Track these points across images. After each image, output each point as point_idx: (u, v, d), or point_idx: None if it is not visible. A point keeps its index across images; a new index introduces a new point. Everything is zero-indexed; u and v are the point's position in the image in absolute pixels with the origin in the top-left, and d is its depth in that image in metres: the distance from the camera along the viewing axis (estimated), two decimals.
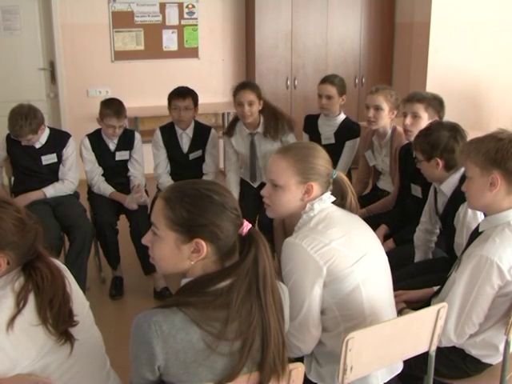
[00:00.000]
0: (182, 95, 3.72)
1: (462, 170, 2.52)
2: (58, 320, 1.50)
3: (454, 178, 2.56)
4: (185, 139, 3.88)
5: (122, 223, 3.74)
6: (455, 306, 1.95)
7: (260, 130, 3.71)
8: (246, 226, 1.45)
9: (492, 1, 5.81)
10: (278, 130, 3.68)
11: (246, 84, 3.72)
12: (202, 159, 3.93)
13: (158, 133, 3.89)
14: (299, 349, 1.84)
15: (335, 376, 1.71)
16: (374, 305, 1.83)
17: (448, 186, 2.58)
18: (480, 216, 2.40)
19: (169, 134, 3.88)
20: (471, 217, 2.41)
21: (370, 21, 6.20)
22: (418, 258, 2.85)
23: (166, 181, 3.82)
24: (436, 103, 3.02)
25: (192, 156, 3.90)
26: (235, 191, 3.77)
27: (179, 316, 1.33)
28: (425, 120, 2.99)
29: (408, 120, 3.02)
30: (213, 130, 3.94)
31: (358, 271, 1.80)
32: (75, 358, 1.55)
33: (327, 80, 3.76)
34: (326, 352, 1.87)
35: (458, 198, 2.50)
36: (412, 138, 3.00)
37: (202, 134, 3.90)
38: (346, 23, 6.13)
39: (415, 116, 3.01)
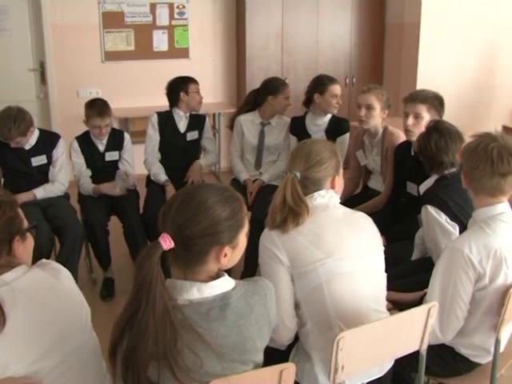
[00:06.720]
0: (194, 79, 3.95)
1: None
2: None
3: (432, 180, 2.62)
4: (183, 121, 3.94)
5: (114, 224, 3.73)
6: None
7: (273, 122, 3.90)
8: None
9: (482, 1, 5.84)
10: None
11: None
12: (198, 143, 4.00)
13: (155, 115, 3.93)
14: (273, 340, 1.74)
15: (304, 374, 1.75)
16: (341, 308, 1.81)
17: (426, 186, 2.63)
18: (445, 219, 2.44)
19: (166, 118, 3.92)
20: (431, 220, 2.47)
21: (361, 21, 6.21)
22: (415, 255, 2.84)
23: (156, 167, 3.87)
24: (437, 103, 3.01)
25: (189, 136, 3.95)
26: (245, 172, 3.93)
27: None
28: (426, 120, 2.99)
29: (410, 121, 3.00)
30: (207, 118, 4.08)
31: (323, 270, 1.80)
32: (69, 364, 1.54)
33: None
34: (301, 347, 1.88)
35: (423, 198, 2.56)
36: (413, 138, 3.00)
37: (198, 119, 4.01)
38: (336, 23, 6.13)
39: (417, 117, 3.00)
